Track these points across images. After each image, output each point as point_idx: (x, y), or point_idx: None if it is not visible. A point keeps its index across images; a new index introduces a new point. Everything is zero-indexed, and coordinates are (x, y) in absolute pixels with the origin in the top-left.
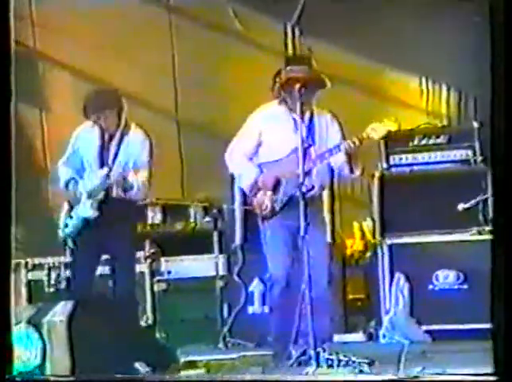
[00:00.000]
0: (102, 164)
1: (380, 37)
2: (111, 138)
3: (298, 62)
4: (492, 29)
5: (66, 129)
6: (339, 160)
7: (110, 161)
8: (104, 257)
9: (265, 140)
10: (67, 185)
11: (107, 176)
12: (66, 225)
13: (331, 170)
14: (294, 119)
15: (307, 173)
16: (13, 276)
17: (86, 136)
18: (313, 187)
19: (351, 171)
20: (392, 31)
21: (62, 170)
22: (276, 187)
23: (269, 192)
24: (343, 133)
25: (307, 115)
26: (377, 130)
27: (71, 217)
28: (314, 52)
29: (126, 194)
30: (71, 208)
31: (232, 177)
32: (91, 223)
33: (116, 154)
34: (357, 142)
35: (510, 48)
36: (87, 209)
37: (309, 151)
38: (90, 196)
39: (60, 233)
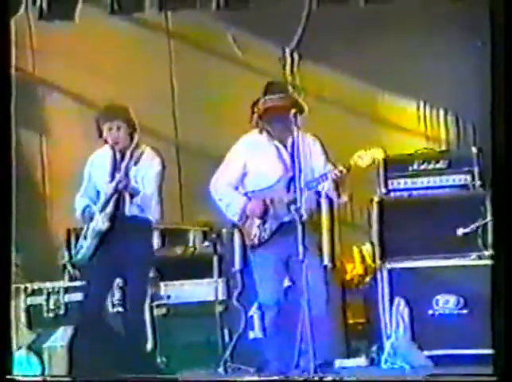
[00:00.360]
0: (112, 179)
1: (378, 62)
2: (123, 157)
3: (276, 90)
4: (493, 52)
5: (66, 154)
6: (325, 187)
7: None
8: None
9: (250, 170)
10: (83, 213)
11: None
12: (81, 246)
13: (319, 195)
14: (277, 147)
15: (294, 202)
16: (12, 302)
17: (98, 161)
18: (302, 216)
19: (338, 196)
20: (390, 56)
21: (78, 201)
22: (264, 215)
23: (258, 221)
24: (326, 153)
25: (289, 142)
26: (363, 158)
27: (85, 238)
28: (311, 76)
29: (132, 200)
30: (86, 232)
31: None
32: (105, 243)
33: (126, 171)
34: (344, 171)
35: (510, 73)
36: (99, 223)
37: (296, 179)
38: (101, 209)
39: (75, 257)
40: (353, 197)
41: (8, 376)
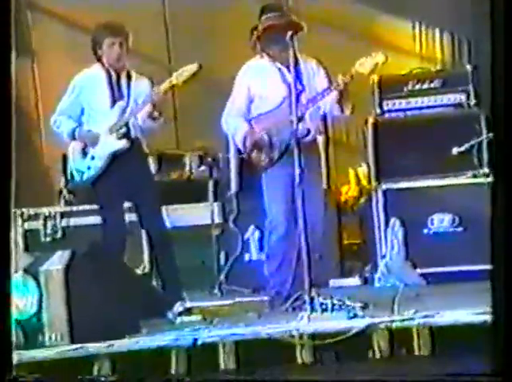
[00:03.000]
0: (113, 103)
1: None
2: (118, 76)
3: (271, 10)
4: None
5: (58, 79)
6: (328, 102)
7: (124, 97)
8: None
9: (255, 94)
10: (72, 133)
11: (125, 109)
12: (88, 167)
13: (323, 113)
14: (279, 69)
15: (300, 119)
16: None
17: (89, 80)
18: (309, 131)
19: (342, 111)
20: None
21: (62, 121)
22: (269, 144)
23: (265, 144)
24: (330, 78)
25: (291, 62)
26: (365, 64)
27: (92, 158)
28: None
29: (155, 121)
30: (84, 152)
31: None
32: (112, 165)
33: (128, 90)
34: (346, 79)
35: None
36: (113, 143)
37: (300, 97)
38: (111, 131)
39: (80, 177)
40: (354, 111)
41: (8, 377)
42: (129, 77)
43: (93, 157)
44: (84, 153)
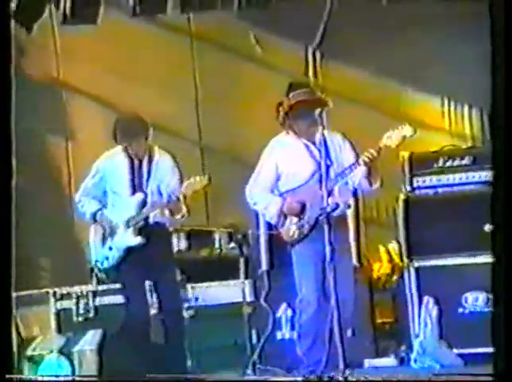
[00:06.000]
0: (133, 190)
1: (402, 59)
2: (140, 163)
3: (299, 87)
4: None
5: (91, 156)
6: (356, 176)
7: (144, 186)
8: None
9: (283, 171)
10: (94, 216)
11: (144, 202)
12: (107, 258)
13: (353, 188)
14: (306, 145)
15: (329, 193)
16: (42, 306)
17: (111, 164)
18: (338, 205)
19: (370, 184)
20: (414, 52)
21: (85, 201)
22: (301, 212)
23: (295, 219)
24: (356, 152)
25: (318, 137)
26: (392, 138)
27: (110, 248)
28: (334, 74)
29: (174, 217)
30: (104, 239)
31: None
32: (134, 251)
33: (148, 179)
34: (374, 153)
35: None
36: (129, 238)
37: (329, 171)
38: (128, 224)
39: (100, 266)
40: (383, 186)
41: (8, 376)
42: (150, 160)
43: (111, 248)
44: (104, 238)
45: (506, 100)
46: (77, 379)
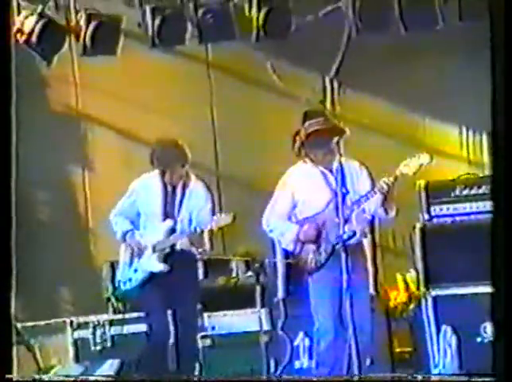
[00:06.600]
0: (165, 216)
1: (420, 87)
2: (174, 189)
3: (315, 116)
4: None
5: (108, 187)
6: (372, 204)
7: (175, 213)
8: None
9: (299, 200)
10: (124, 236)
11: (173, 229)
12: (130, 279)
13: (370, 216)
14: (323, 173)
15: (346, 221)
16: (59, 335)
17: (146, 187)
18: (354, 233)
19: (386, 213)
20: (432, 80)
21: (118, 220)
22: (318, 239)
23: (312, 246)
24: (373, 180)
25: (335, 165)
26: (409, 165)
27: (135, 271)
28: (351, 104)
29: (197, 249)
30: (131, 260)
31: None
32: (157, 276)
33: (180, 206)
34: (390, 181)
35: None
36: (154, 263)
37: (345, 199)
38: (154, 249)
39: (122, 286)
40: (398, 214)
41: (8, 376)
42: (184, 187)
43: (136, 270)
44: (131, 259)
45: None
46: (78, 379)
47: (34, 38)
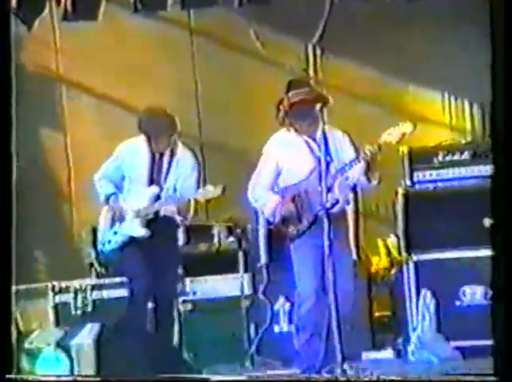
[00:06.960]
0: (151, 182)
1: (403, 54)
2: (161, 157)
3: (299, 85)
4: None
5: (90, 153)
6: (355, 172)
7: (161, 180)
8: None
9: (283, 168)
10: (107, 199)
11: (158, 196)
12: (109, 241)
13: (352, 184)
14: (306, 141)
15: (329, 189)
16: (41, 300)
17: (132, 152)
18: (338, 201)
19: (369, 181)
20: (415, 48)
21: (102, 183)
22: (298, 212)
23: (294, 213)
24: (356, 148)
25: (318, 134)
26: (392, 134)
27: (115, 233)
28: (334, 70)
29: (180, 216)
30: (112, 222)
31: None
32: (137, 240)
33: (167, 174)
34: (374, 150)
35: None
36: (135, 228)
37: (329, 167)
38: (137, 214)
39: (102, 247)
40: (381, 182)
41: (8, 376)
42: (172, 155)
43: (115, 233)
44: (113, 222)
45: (505, 95)
46: (78, 379)
47: (14, 2)
